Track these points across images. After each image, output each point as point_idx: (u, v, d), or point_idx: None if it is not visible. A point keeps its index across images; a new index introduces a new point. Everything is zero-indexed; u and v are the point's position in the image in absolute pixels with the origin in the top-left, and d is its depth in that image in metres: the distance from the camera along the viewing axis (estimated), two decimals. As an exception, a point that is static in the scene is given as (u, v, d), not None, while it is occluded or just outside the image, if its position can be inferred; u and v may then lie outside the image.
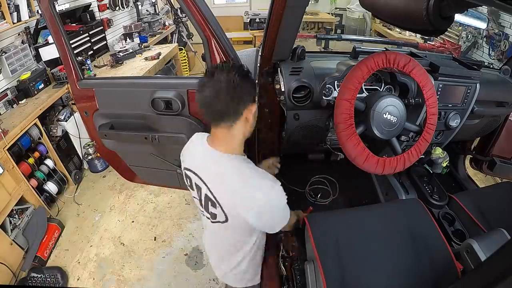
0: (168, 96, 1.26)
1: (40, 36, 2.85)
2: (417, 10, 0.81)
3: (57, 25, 1.30)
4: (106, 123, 1.43)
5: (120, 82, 1.42)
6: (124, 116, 1.40)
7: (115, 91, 1.39)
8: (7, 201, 2.02)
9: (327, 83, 1.27)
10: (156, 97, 1.27)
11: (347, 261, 0.99)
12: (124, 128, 1.42)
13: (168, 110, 1.29)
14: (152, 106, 1.29)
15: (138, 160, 1.61)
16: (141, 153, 1.52)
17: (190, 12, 1.14)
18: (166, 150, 1.46)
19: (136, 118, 1.38)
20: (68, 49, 1.37)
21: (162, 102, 1.27)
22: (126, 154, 1.60)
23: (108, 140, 1.49)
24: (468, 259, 0.86)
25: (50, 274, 2.04)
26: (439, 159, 1.33)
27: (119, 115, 1.41)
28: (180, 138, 1.34)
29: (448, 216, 1.38)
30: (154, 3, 4.87)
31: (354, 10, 5.75)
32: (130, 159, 1.63)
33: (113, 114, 1.42)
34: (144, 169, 1.66)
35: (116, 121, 1.42)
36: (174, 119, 1.32)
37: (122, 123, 1.42)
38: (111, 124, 1.42)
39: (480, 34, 3.57)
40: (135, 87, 1.35)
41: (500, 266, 0.44)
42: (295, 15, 1.07)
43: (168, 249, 2.24)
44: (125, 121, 1.41)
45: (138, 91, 1.32)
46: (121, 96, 1.37)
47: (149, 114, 1.33)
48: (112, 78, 1.68)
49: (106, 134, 1.42)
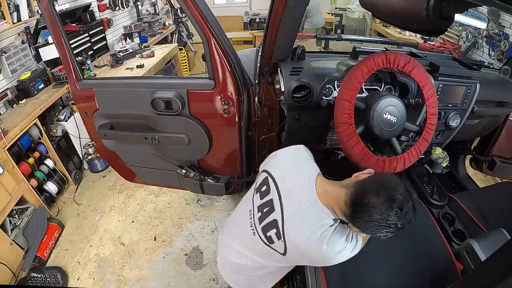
0: (168, 96, 1.26)
1: (40, 36, 2.85)
2: (417, 10, 0.81)
3: (56, 25, 1.30)
4: (106, 123, 1.43)
5: (120, 82, 1.43)
6: (124, 116, 1.40)
7: (115, 91, 1.38)
8: (7, 201, 2.02)
9: (327, 83, 1.27)
10: (156, 97, 1.27)
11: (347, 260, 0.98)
12: (124, 129, 1.41)
13: (168, 110, 1.29)
14: (152, 106, 1.28)
15: (138, 160, 1.61)
16: (141, 153, 1.51)
17: (190, 12, 1.14)
18: (166, 150, 1.45)
19: (136, 118, 1.38)
20: (68, 49, 1.37)
21: (162, 102, 1.26)
22: (126, 154, 1.59)
23: (108, 141, 1.49)
24: (468, 259, 0.86)
25: (50, 274, 2.04)
26: (439, 159, 1.33)
27: (119, 115, 1.41)
28: (180, 138, 1.34)
29: (448, 216, 1.37)
30: (154, 3, 4.87)
31: (354, 10, 5.75)
32: (130, 159, 1.62)
33: (113, 114, 1.41)
34: (144, 169, 1.65)
35: (116, 121, 1.42)
36: (174, 119, 1.32)
37: (122, 123, 1.41)
38: (111, 124, 1.42)
39: (480, 34, 3.57)
40: (135, 87, 1.35)
41: (500, 266, 0.44)
42: (295, 15, 1.07)
43: (168, 249, 2.24)
44: (125, 121, 1.40)
45: (138, 91, 1.32)
46: (121, 96, 1.37)
47: (149, 114, 1.32)
48: (112, 78, 1.70)
49: (106, 134, 1.42)
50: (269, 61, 1.27)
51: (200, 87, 1.28)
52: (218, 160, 1.49)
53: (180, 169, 1.47)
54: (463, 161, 1.89)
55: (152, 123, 1.36)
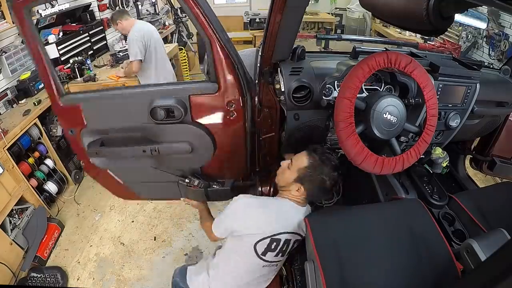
0: (169, 103, 1.19)
1: (40, 36, 2.85)
2: (417, 10, 0.81)
3: (32, 34, 1.17)
4: (96, 140, 1.31)
5: (111, 94, 1.32)
6: (116, 131, 1.30)
7: (106, 105, 1.28)
8: (7, 201, 2.02)
9: (327, 83, 1.27)
10: (155, 105, 1.20)
11: (347, 261, 0.98)
12: (118, 144, 1.30)
13: (169, 119, 1.22)
14: (151, 115, 1.21)
15: (134, 176, 1.51)
16: (138, 168, 1.43)
17: (193, 14, 1.11)
18: (167, 160, 1.38)
19: (131, 131, 1.29)
20: (46, 61, 1.23)
21: (162, 111, 1.20)
22: (120, 171, 1.49)
23: (100, 159, 1.37)
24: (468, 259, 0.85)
25: (50, 274, 2.04)
26: (439, 159, 1.33)
27: (110, 130, 1.31)
28: (183, 147, 1.28)
29: (448, 216, 1.37)
30: (154, 3, 4.87)
31: (354, 10, 5.75)
32: (125, 176, 1.52)
33: (104, 130, 1.31)
34: (142, 185, 1.57)
35: (107, 137, 1.32)
36: (176, 127, 1.26)
37: (114, 138, 1.31)
38: (101, 141, 1.31)
39: (480, 34, 3.57)
40: (130, 97, 1.27)
41: (500, 266, 0.44)
42: (295, 15, 1.06)
43: (168, 249, 2.25)
44: (119, 136, 1.31)
45: (134, 102, 1.24)
46: (114, 110, 1.28)
47: (147, 125, 1.25)
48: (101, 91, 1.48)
49: (97, 152, 1.30)
50: (269, 61, 1.26)
51: (202, 91, 1.23)
52: (222, 164, 1.45)
53: (182, 179, 1.40)
54: (463, 161, 1.89)
55: (151, 134, 1.29)
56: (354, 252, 1.02)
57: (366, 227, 1.09)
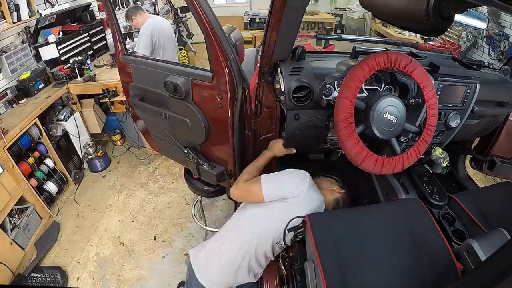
0: (176, 81, 1.37)
1: (40, 36, 2.85)
2: (417, 10, 0.81)
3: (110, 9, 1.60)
4: (138, 94, 1.63)
5: (148, 62, 1.60)
6: (149, 92, 1.58)
7: (144, 70, 1.57)
8: (7, 200, 2.02)
9: (327, 83, 1.27)
10: (167, 80, 1.39)
11: (347, 261, 0.98)
12: (149, 101, 1.60)
13: (175, 94, 1.40)
14: (165, 87, 1.42)
15: (158, 132, 1.78)
16: (159, 126, 1.68)
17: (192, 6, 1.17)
18: (174, 128, 1.60)
19: (156, 94, 1.54)
20: (117, 28, 1.61)
21: (171, 86, 1.38)
22: (149, 125, 1.80)
23: (138, 109, 1.72)
24: (468, 259, 0.85)
25: (50, 273, 2.05)
26: (439, 159, 1.33)
27: (147, 90, 1.59)
28: (184, 121, 1.46)
29: (448, 216, 1.37)
30: (154, 3, 4.87)
31: (354, 10, 5.75)
32: (152, 130, 1.82)
33: (143, 88, 1.61)
34: (162, 142, 1.81)
35: (144, 94, 1.61)
36: (180, 103, 1.43)
37: (148, 96, 1.60)
38: (141, 96, 1.62)
39: (480, 34, 3.57)
40: (156, 68, 1.51)
41: (500, 266, 0.44)
42: (295, 15, 1.06)
43: (168, 249, 2.25)
44: (150, 96, 1.58)
45: (158, 73, 1.47)
46: (148, 75, 1.55)
47: (164, 94, 1.47)
48: (144, 58, 2.02)
49: (135, 104, 1.64)
50: (269, 61, 1.26)
51: (201, 78, 1.35)
52: (214, 149, 1.59)
53: (184, 149, 1.60)
54: (463, 161, 1.89)
55: (165, 102, 1.52)
56: (354, 252, 1.02)
57: (366, 227, 1.09)
